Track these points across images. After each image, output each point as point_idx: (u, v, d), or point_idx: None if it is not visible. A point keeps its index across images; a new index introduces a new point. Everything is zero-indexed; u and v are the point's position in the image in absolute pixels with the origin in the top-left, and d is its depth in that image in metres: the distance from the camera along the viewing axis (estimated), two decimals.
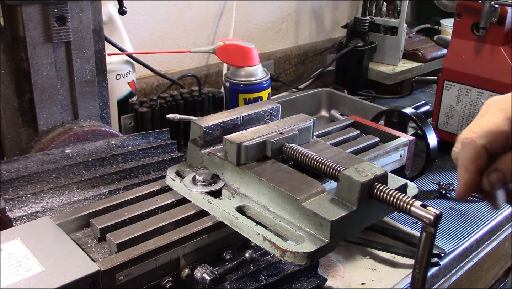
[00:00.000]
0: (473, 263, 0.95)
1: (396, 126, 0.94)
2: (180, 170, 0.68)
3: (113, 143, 0.79)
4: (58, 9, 0.78)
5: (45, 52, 0.80)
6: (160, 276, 0.59)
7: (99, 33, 0.86)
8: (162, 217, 0.62)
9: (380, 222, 0.87)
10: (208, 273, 0.60)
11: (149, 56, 1.34)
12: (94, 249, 0.58)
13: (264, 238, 0.54)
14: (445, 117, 1.21)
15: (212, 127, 0.67)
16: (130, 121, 1.04)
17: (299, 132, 0.68)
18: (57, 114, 0.84)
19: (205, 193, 0.62)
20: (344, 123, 0.84)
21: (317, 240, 0.53)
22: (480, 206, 1.03)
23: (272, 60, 1.66)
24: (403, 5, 1.52)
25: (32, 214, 0.65)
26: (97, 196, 0.71)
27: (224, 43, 1.10)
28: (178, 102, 1.07)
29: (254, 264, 0.67)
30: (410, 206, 0.51)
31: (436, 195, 1.06)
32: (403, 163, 0.81)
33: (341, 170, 0.57)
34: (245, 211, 0.60)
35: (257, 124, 0.71)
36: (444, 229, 0.95)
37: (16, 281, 0.50)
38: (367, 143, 0.78)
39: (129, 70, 1.12)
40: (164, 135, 0.84)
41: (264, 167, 0.63)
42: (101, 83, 0.89)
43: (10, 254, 0.54)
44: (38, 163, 0.72)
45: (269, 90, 1.11)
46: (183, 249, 0.60)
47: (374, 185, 0.54)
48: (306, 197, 0.56)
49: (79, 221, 0.62)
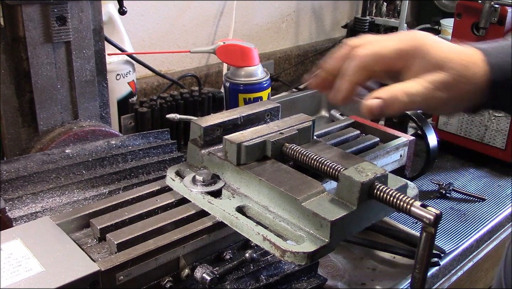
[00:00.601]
0: (473, 263, 0.95)
1: (396, 126, 0.94)
2: (180, 170, 0.68)
3: (113, 143, 0.79)
4: (58, 9, 0.78)
5: (45, 52, 0.80)
6: (160, 276, 0.59)
7: (99, 33, 0.86)
8: (162, 217, 0.62)
9: (380, 222, 0.87)
10: (208, 273, 0.60)
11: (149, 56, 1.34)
12: (94, 249, 0.58)
13: (264, 238, 0.54)
14: (445, 117, 1.21)
15: (212, 127, 0.67)
16: (130, 121, 1.04)
17: (299, 132, 0.68)
18: (57, 114, 0.84)
19: (205, 193, 0.62)
20: (344, 123, 0.84)
21: (317, 240, 0.53)
22: (480, 206, 1.03)
23: (272, 60, 1.66)
24: (403, 5, 1.52)
25: (32, 214, 0.65)
26: (97, 196, 0.71)
27: (224, 43, 1.10)
28: (178, 102, 1.07)
29: (254, 264, 0.67)
30: (410, 206, 0.51)
31: (436, 195, 1.06)
32: (403, 163, 0.81)
33: (341, 170, 0.57)
34: (245, 211, 0.60)
35: (257, 124, 0.71)
36: (444, 229, 0.95)
37: (16, 281, 0.50)
38: (367, 143, 0.78)
39: (129, 70, 1.12)
40: (164, 135, 0.84)
41: (264, 167, 0.63)
42: (101, 83, 0.89)
43: (10, 254, 0.54)
44: (38, 163, 0.72)
45: (269, 90, 1.11)
46: (183, 249, 0.60)
47: (374, 185, 0.54)
48: (306, 197, 0.56)
49: (79, 221, 0.62)
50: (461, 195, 1.06)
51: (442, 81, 0.58)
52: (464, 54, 0.60)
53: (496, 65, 0.59)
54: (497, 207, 1.03)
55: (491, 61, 0.59)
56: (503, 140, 1.13)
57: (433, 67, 0.59)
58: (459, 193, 1.06)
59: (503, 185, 1.11)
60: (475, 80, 0.59)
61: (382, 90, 0.59)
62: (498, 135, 1.14)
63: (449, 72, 0.58)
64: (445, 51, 0.60)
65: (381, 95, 0.59)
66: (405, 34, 0.63)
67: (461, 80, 0.59)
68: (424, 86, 0.58)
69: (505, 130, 1.13)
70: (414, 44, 0.60)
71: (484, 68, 0.59)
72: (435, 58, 0.59)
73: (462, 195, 1.06)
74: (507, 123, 1.12)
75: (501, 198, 1.06)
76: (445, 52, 0.59)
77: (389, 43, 0.61)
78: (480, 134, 1.17)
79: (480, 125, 1.16)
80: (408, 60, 0.60)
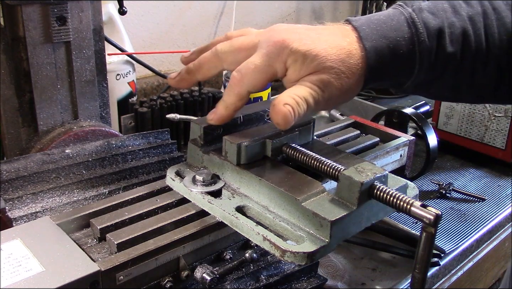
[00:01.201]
0: (473, 263, 0.95)
1: (396, 126, 0.94)
2: (180, 170, 0.68)
3: (113, 143, 0.79)
4: (58, 9, 0.78)
5: (45, 52, 0.80)
6: (160, 276, 0.59)
7: (99, 33, 0.86)
8: (162, 217, 0.62)
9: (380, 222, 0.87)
10: (208, 273, 0.60)
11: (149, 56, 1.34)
12: (94, 249, 0.58)
13: (264, 238, 0.54)
14: (445, 117, 1.22)
15: (212, 127, 0.67)
16: (130, 121, 1.04)
17: (299, 132, 0.68)
18: (57, 114, 0.84)
19: (205, 193, 0.62)
20: (344, 123, 0.84)
21: (317, 240, 0.53)
22: (480, 206, 1.03)
23: None
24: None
25: (32, 214, 0.65)
26: (97, 196, 0.71)
27: None
28: (178, 102, 1.07)
29: (254, 264, 0.67)
30: (410, 206, 0.51)
31: (436, 195, 1.06)
32: (403, 163, 0.81)
33: (341, 170, 0.57)
34: (245, 211, 0.60)
35: (257, 124, 0.71)
36: (444, 229, 0.95)
37: (16, 281, 0.50)
38: (367, 143, 0.78)
39: (129, 70, 1.12)
40: (164, 135, 0.84)
41: (264, 167, 0.63)
42: (101, 83, 0.89)
43: (10, 254, 0.54)
44: (38, 163, 0.72)
45: (269, 90, 1.11)
46: (183, 249, 0.60)
47: (374, 185, 0.54)
48: (306, 197, 0.56)
49: (79, 221, 0.62)
50: (461, 195, 1.06)
51: (324, 82, 0.58)
52: (338, 45, 0.59)
53: (372, 48, 0.59)
54: (497, 207, 1.03)
55: (367, 45, 0.59)
56: (503, 140, 1.13)
57: (313, 69, 0.58)
58: (459, 193, 1.06)
59: (503, 185, 1.11)
60: (355, 70, 0.59)
61: (283, 97, 0.58)
62: (498, 135, 1.14)
63: (330, 72, 0.58)
64: (318, 46, 0.58)
65: (288, 102, 0.57)
66: (267, 29, 0.63)
67: (342, 76, 0.58)
68: (309, 89, 0.58)
69: (505, 130, 1.13)
70: (274, 39, 0.59)
71: (360, 54, 0.59)
72: (309, 57, 0.58)
73: (462, 195, 1.06)
74: (507, 123, 1.12)
75: (501, 198, 1.06)
76: (319, 48, 0.58)
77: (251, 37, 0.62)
78: (480, 134, 1.17)
79: (480, 125, 1.16)
80: (279, 57, 0.59)
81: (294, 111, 0.57)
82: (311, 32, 0.61)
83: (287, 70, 0.60)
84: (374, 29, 0.60)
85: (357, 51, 0.59)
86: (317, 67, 0.58)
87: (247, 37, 0.63)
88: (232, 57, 0.62)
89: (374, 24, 0.61)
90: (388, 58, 0.60)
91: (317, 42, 0.59)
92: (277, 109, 0.57)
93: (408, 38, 0.60)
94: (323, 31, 0.61)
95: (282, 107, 0.57)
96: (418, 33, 0.60)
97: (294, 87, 0.59)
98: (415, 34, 0.60)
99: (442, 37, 0.60)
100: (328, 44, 0.59)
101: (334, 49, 0.58)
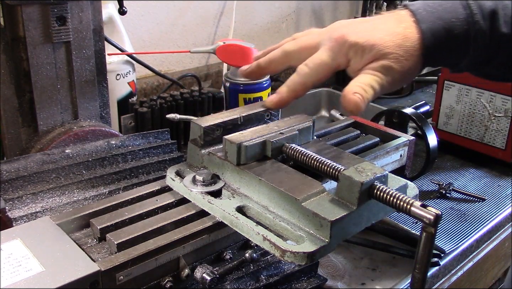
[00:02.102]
0: (473, 263, 0.95)
1: (396, 126, 0.94)
2: (180, 170, 0.68)
3: (113, 143, 0.79)
4: (58, 9, 0.78)
5: (45, 52, 0.80)
6: (160, 276, 0.59)
7: (99, 33, 0.86)
8: (162, 217, 0.62)
9: (380, 222, 0.87)
10: (208, 273, 0.60)
11: (149, 56, 1.34)
12: (94, 249, 0.58)
13: (264, 238, 0.54)
14: (445, 117, 1.22)
15: (212, 127, 0.67)
16: (130, 121, 1.04)
17: (299, 132, 0.68)
18: (57, 114, 0.84)
19: (205, 193, 0.62)
20: (344, 123, 0.84)
21: (317, 240, 0.53)
22: (480, 206, 1.03)
23: None
24: (403, 4, 1.52)
25: (32, 214, 0.65)
26: (97, 196, 0.71)
27: (224, 43, 1.10)
28: (178, 102, 1.07)
29: (254, 264, 0.67)
30: (410, 206, 0.51)
31: (436, 195, 1.06)
32: (403, 163, 0.81)
33: (341, 170, 0.57)
34: (245, 211, 0.60)
35: (257, 124, 0.71)
36: (444, 229, 0.95)
37: (16, 281, 0.50)
38: (367, 143, 0.78)
39: (129, 70, 1.12)
40: (164, 135, 0.84)
41: (264, 167, 0.63)
42: (101, 83, 0.89)
43: (10, 254, 0.54)
44: (38, 163, 0.72)
45: (269, 90, 1.10)
46: (183, 249, 0.60)
47: (374, 185, 0.54)
48: (306, 197, 0.56)
49: (79, 221, 0.62)
50: (461, 195, 1.06)
51: (385, 67, 0.62)
52: (394, 32, 0.63)
53: (428, 30, 0.62)
54: (497, 207, 1.03)
55: (423, 27, 0.62)
56: (503, 140, 1.13)
57: (372, 57, 0.62)
58: (459, 193, 1.06)
59: (503, 185, 1.11)
60: (412, 51, 0.62)
61: (352, 87, 0.62)
62: (498, 135, 1.14)
63: (388, 58, 0.62)
64: (374, 36, 0.63)
65: (356, 90, 0.62)
66: (327, 28, 0.68)
67: (401, 59, 0.62)
68: (373, 76, 0.62)
69: (505, 130, 1.13)
70: (334, 36, 0.65)
71: (416, 36, 0.62)
72: (368, 47, 0.63)
73: (462, 195, 1.06)
74: (507, 123, 1.12)
75: (501, 198, 1.06)
76: (376, 37, 0.63)
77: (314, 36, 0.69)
78: (480, 134, 1.17)
79: (480, 125, 1.16)
80: (341, 51, 0.64)
81: (363, 98, 0.62)
82: (366, 24, 0.66)
83: (350, 62, 0.65)
84: (430, 12, 0.63)
85: (413, 34, 0.62)
86: (376, 55, 0.62)
87: (310, 37, 0.69)
88: (297, 55, 0.69)
89: (430, 7, 0.64)
90: (443, 39, 0.63)
91: (373, 32, 0.63)
92: (348, 98, 0.62)
93: (463, 19, 0.62)
94: (377, 21, 0.65)
95: (352, 96, 0.61)
96: (472, 14, 0.62)
97: (359, 76, 0.63)
98: (470, 16, 0.62)
99: (496, 18, 0.62)
100: (384, 33, 0.63)
101: (390, 36, 0.62)
